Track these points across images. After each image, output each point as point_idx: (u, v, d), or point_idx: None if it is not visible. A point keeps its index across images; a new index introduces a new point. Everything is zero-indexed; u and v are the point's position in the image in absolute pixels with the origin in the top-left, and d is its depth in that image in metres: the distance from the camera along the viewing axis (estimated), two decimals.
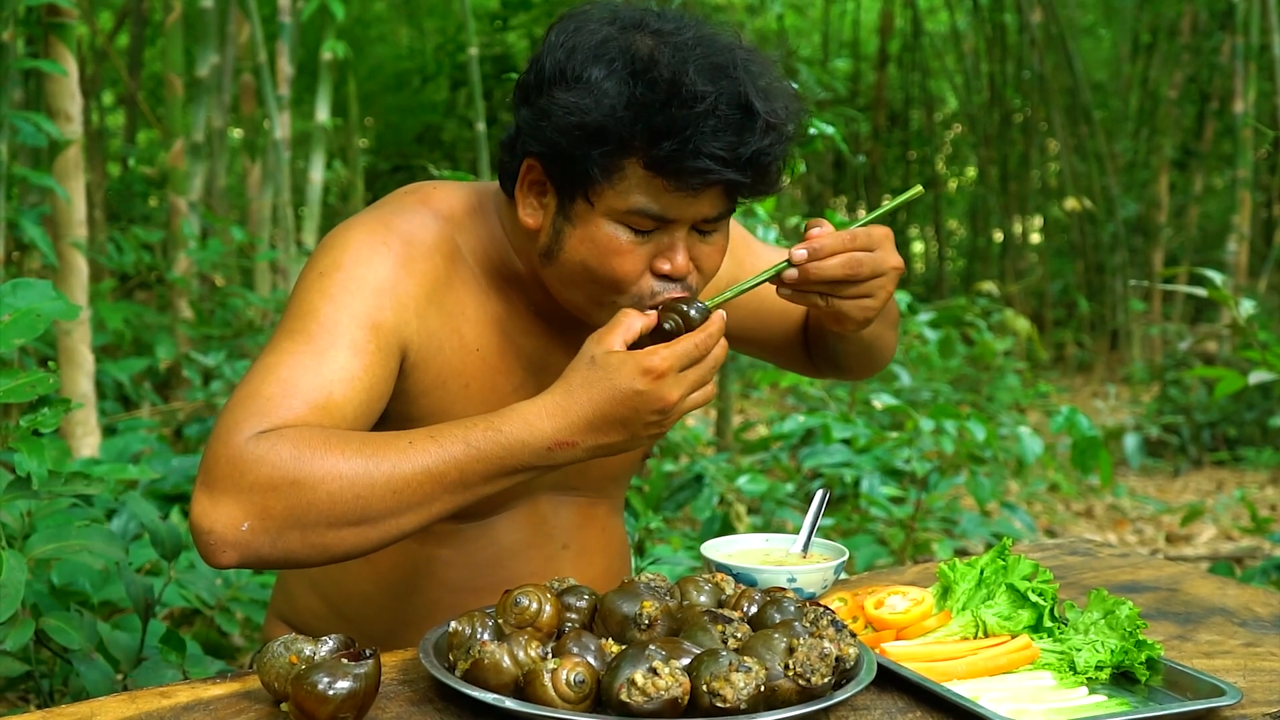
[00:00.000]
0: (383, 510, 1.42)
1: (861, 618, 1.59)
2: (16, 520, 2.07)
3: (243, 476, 1.40)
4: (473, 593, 1.76)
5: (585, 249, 1.58)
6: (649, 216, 1.56)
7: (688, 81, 1.50)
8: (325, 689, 1.26)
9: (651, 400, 1.44)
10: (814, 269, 1.59)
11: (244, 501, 1.40)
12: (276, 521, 1.40)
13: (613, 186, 1.55)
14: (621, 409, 1.44)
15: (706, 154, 1.50)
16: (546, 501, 1.81)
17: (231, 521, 1.40)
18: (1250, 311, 3.14)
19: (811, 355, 2.05)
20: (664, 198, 1.55)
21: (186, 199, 5.61)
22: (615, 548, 1.92)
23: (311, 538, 1.42)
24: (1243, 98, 8.92)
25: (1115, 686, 1.49)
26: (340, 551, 1.44)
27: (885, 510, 4.10)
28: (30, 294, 1.90)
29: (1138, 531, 6.11)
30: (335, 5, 5.50)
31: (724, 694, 1.26)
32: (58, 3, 3.49)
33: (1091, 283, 12.09)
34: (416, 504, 1.43)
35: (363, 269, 1.59)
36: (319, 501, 1.40)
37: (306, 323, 1.54)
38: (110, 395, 5.05)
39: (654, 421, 1.47)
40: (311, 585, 1.86)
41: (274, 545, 1.41)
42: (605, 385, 1.44)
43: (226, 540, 1.40)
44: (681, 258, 1.59)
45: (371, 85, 12.23)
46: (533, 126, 1.57)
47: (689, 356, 1.46)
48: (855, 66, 14.53)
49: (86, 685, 2.16)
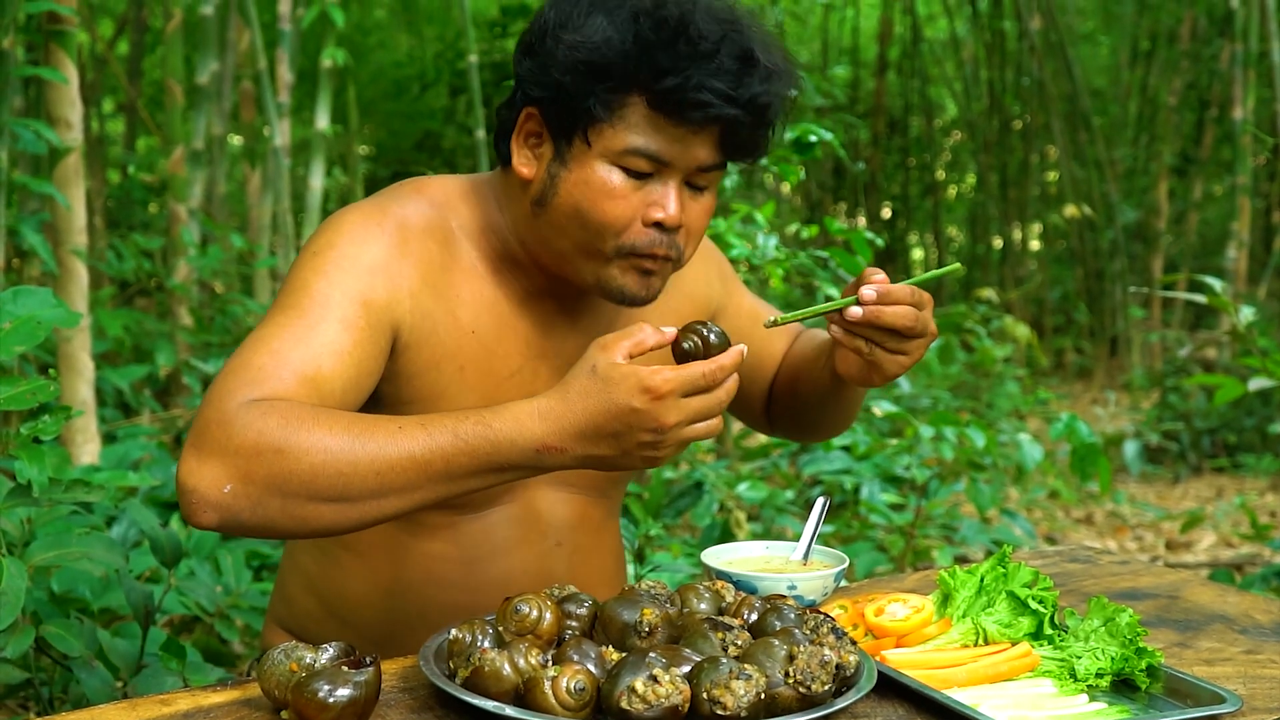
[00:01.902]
0: (364, 490, 1.42)
1: (862, 625, 1.59)
2: (17, 527, 2.07)
3: (229, 440, 1.41)
4: (466, 590, 1.76)
5: (579, 192, 1.62)
6: (646, 157, 1.60)
7: (694, 23, 1.56)
8: (326, 696, 1.26)
9: (646, 420, 1.41)
10: (879, 313, 1.61)
11: (228, 464, 1.41)
12: (258, 487, 1.41)
13: (613, 125, 1.59)
14: (615, 424, 1.42)
15: (709, 89, 1.55)
16: (542, 498, 1.81)
17: (215, 482, 1.41)
18: (1250, 318, 3.14)
19: (771, 411, 2.07)
20: (661, 138, 1.59)
21: (186, 206, 5.60)
22: (610, 549, 1.92)
23: (291, 508, 1.42)
24: (1242, 104, 8.92)
25: (1116, 694, 1.49)
26: (319, 526, 1.44)
27: (885, 517, 4.10)
28: (31, 301, 1.90)
29: (1138, 538, 6.11)
30: (335, 12, 5.50)
31: (724, 701, 1.26)
32: (58, 10, 3.49)
33: (1091, 289, 12.09)
34: (399, 489, 1.43)
35: (356, 248, 1.62)
36: (301, 472, 1.40)
37: (299, 298, 1.56)
38: (110, 402, 5.05)
39: (648, 443, 1.43)
40: (307, 587, 1.86)
41: (254, 511, 1.42)
42: (602, 397, 1.42)
43: (209, 500, 1.41)
44: (674, 206, 1.62)
45: (371, 92, 12.24)
46: (537, 72, 1.62)
47: (694, 384, 1.43)
48: (855, 73, 14.54)
49: (87, 693, 2.16)
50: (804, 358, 1.96)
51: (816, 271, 3.75)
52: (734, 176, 3.56)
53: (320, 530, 1.45)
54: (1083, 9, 13.67)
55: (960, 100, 13.71)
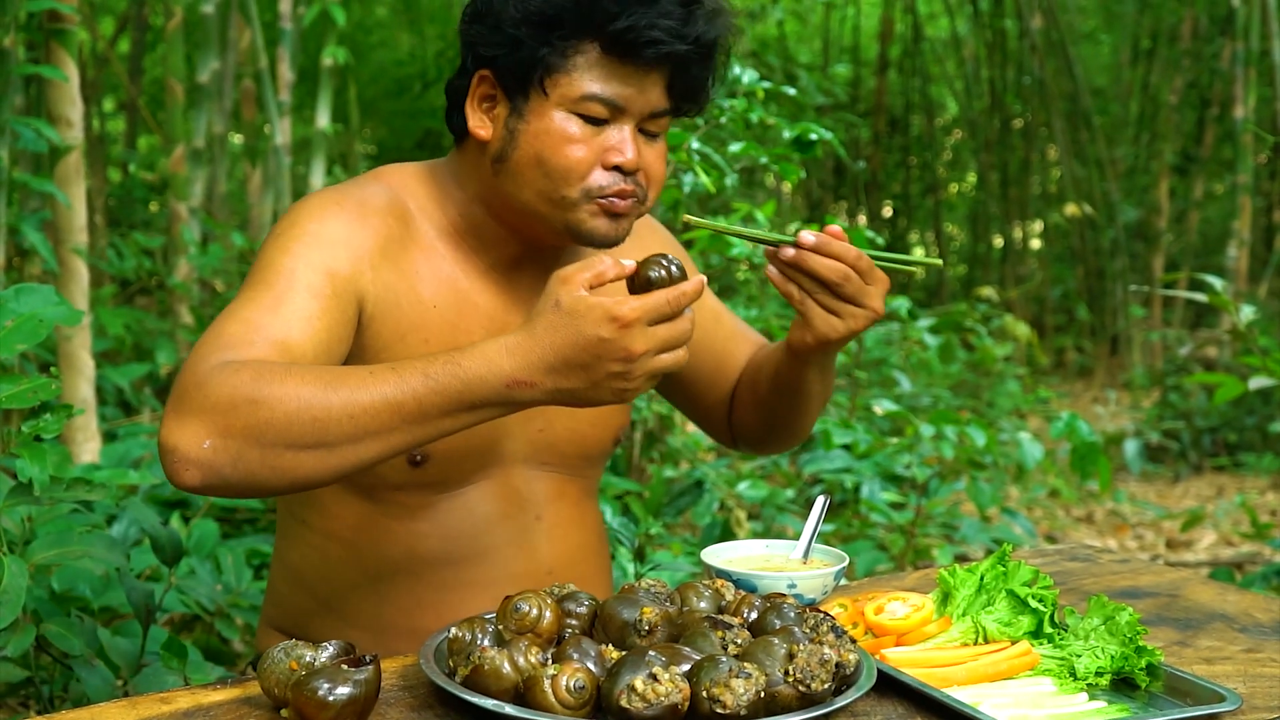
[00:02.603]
0: (340, 435, 1.43)
1: (861, 624, 1.59)
2: (18, 526, 2.07)
3: (205, 397, 1.43)
4: (451, 565, 1.78)
5: (539, 142, 1.68)
6: (601, 102, 1.66)
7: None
8: (325, 695, 1.26)
9: (615, 349, 1.43)
10: (806, 258, 1.68)
11: (206, 420, 1.42)
12: (237, 439, 1.42)
13: (568, 73, 1.66)
14: (584, 355, 1.43)
15: (659, 28, 1.63)
16: (518, 475, 1.83)
17: (195, 439, 1.42)
18: (1250, 317, 3.14)
19: (733, 418, 2.08)
20: (615, 83, 1.66)
21: (187, 204, 5.61)
22: (590, 526, 1.94)
23: (270, 458, 1.43)
24: (1243, 103, 8.93)
25: (1115, 692, 1.49)
26: (300, 475, 1.45)
27: (885, 516, 4.10)
28: (32, 299, 1.91)
29: (1138, 537, 6.11)
30: (336, 11, 5.50)
31: (724, 700, 1.26)
32: (59, 8, 3.49)
33: (1092, 288, 12.09)
34: (374, 432, 1.44)
35: (318, 224, 1.67)
36: (277, 421, 1.41)
37: (266, 274, 1.61)
38: (111, 401, 5.05)
39: (617, 373, 1.44)
40: (295, 582, 1.87)
41: (235, 465, 1.43)
42: (570, 329, 1.43)
43: (190, 458, 1.43)
44: (631, 150, 1.68)
45: (372, 91, 12.23)
46: (488, 33, 1.69)
47: (660, 311, 1.44)
48: (855, 72, 14.52)
49: (87, 691, 2.16)
50: (768, 360, 1.98)
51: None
52: (733, 175, 3.56)
53: (301, 480, 1.45)
54: (1084, 8, 13.67)
55: (961, 99, 13.70)
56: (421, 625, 1.76)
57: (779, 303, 5.79)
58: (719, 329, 2.04)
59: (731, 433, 2.11)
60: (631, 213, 1.73)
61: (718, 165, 3.53)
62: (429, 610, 1.78)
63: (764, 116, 3.50)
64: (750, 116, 3.48)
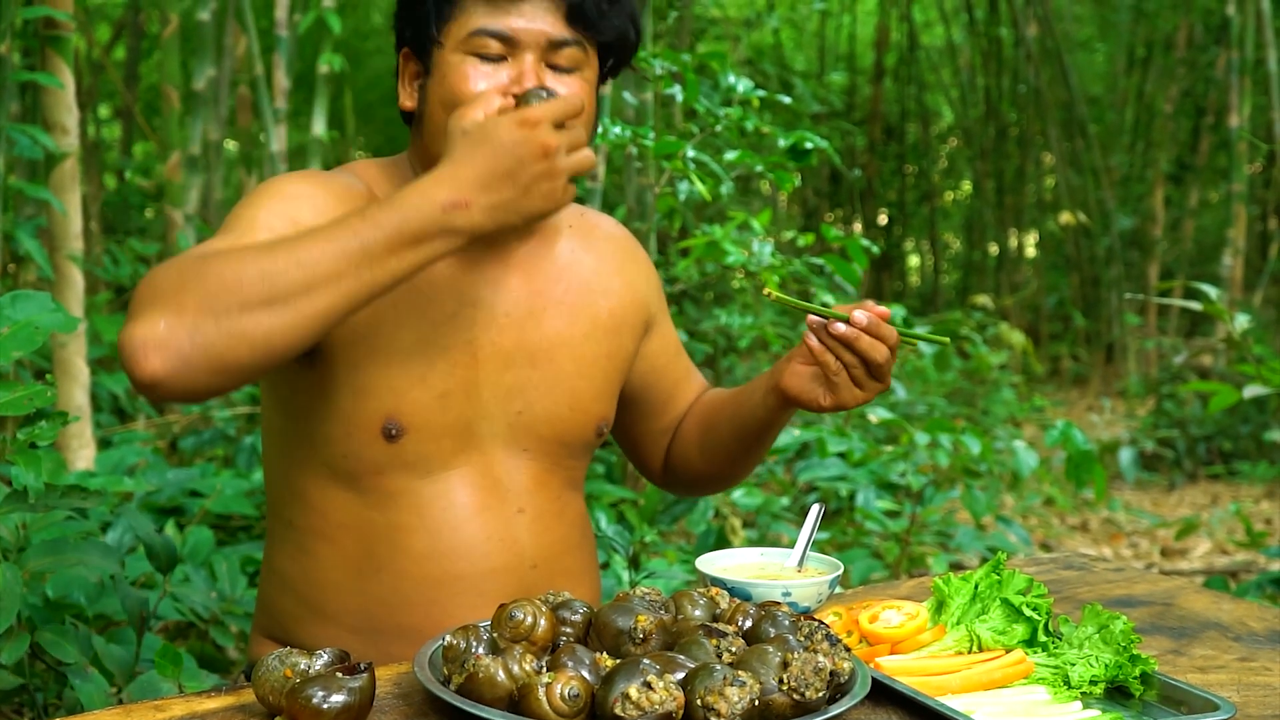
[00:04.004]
0: (290, 286, 1.44)
1: (856, 632, 1.59)
2: (12, 533, 2.07)
3: (155, 288, 1.46)
4: (434, 558, 1.78)
5: (443, 87, 1.72)
6: (491, 35, 1.69)
7: None
8: (320, 702, 1.26)
9: (533, 147, 1.50)
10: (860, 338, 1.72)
11: (158, 304, 1.43)
12: (190, 313, 1.42)
13: (454, 20, 1.71)
14: (506, 160, 1.50)
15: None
16: (498, 464, 1.82)
17: (150, 326, 1.42)
18: (1245, 325, 3.15)
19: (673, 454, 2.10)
20: (500, 16, 1.69)
21: (183, 211, 5.61)
22: (572, 518, 1.93)
23: (226, 324, 1.42)
24: (1238, 112, 8.94)
25: (1110, 701, 1.49)
26: (260, 337, 1.44)
27: (880, 524, 4.10)
28: (29, 306, 1.91)
29: (1133, 545, 6.12)
30: (332, 18, 5.51)
31: (718, 708, 1.26)
32: (55, 15, 3.49)
33: (1087, 296, 12.11)
34: (324, 279, 1.46)
35: (281, 184, 1.74)
36: (227, 282, 1.43)
37: (230, 224, 1.65)
38: (105, 408, 5.04)
39: (540, 173, 1.51)
40: (284, 587, 1.86)
41: (193, 340, 1.42)
42: (488, 143, 1.51)
43: (148, 343, 1.41)
44: (531, 79, 1.69)
45: (368, 98, 12.23)
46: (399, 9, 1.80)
47: (560, 111, 1.53)
48: (851, 80, 14.55)
49: (81, 698, 2.16)
50: (730, 402, 2.00)
51: (812, 278, 3.75)
52: (729, 183, 3.56)
53: (263, 344, 1.45)
54: (1079, 16, 13.70)
55: (957, 107, 13.73)
56: (409, 623, 1.75)
57: (773, 311, 5.79)
58: (678, 362, 2.07)
59: (665, 467, 2.12)
60: None
61: (714, 173, 3.54)
62: (416, 608, 1.77)
63: (759, 125, 3.51)
64: (746, 125, 3.49)
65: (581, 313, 1.89)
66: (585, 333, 1.88)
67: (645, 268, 2.02)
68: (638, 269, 2.00)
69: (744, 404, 1.93)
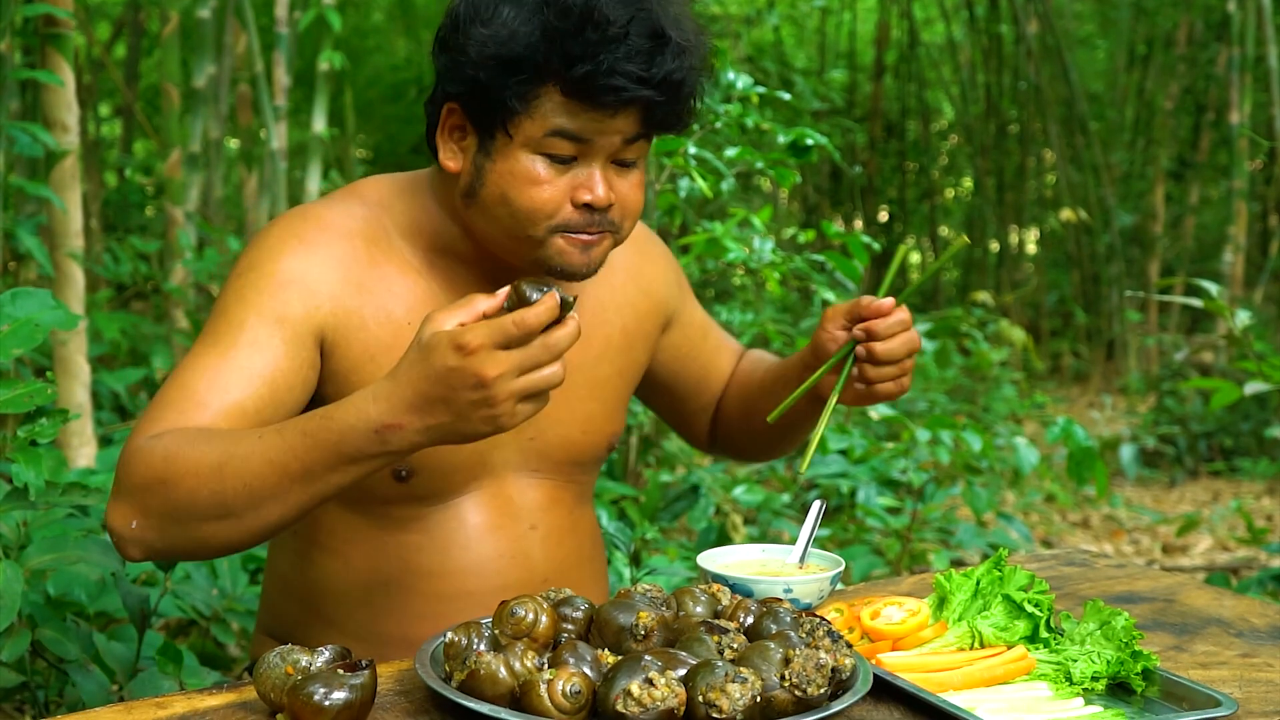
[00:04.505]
0: (240, 504, 1.47)
1: (857, 628, 1.59)
2: (13, 531, 2.07)
3: (128, 478, 1.53)
4: (444, 576, 1.77)
5: (505, 182, 1.64)
6: (566, 138, 1.62)
7: (600, 6, 1.56)
8: (321, 699, 1.26)
9: (465, 376, 1.37)
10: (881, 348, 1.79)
11: (131, 501, 1.52)
12: (156, 518, 1.51)
13: (530, 116, 1.61)
14: (439, 387, 1.39)
15: (621, 73, 1.57)
16: (512, 483, 1.82)
17: (125, 520, 1.53)
18: (1246, 322, 3.15)
19: (717, 429, 2.11)
20: (579, 123, 1.61)
21: (183, 209, 5.60)
22: (584, 531, 1.93)
23: (189, 531, 1.51)
24: (1238, 109, 8.93)
25: (1111, 697, 1.49)
26: (219, 544, 1.51)
27: (881, 521, 4.10)
28: (29, 303, 1.91)
29: (1134, 542, 6.11)
30: (332, 16, 5.50)
31: (720, 705, 1.26)
32: (55, 13, 3.49)
33: (1087, 293, 12.09)
34: (270, 496, 1.47)
35: (273, 264, 1.67)
36: (182, 498, 1.48)
37: (218, 323, 1.64)
38: (106, 405, 5.04)
39: (477, 400, 1.39)
40: (287, 591, 1.86)
41: (162, 539, 1.53)
42: (422, 363, 1.40)
43: (126, 537, 1.53)
44: (601, 188, 1.64)
45: (368, 95, 12.23)
46: (451, 68, 1.64)
47: (505, 333, 1.37)
48: (852, 77, 14.53)
49: (82, 696, 2.16)
50: (760, 381, 2.00)
51: (813, 275, 3.75)
52: (730, 180, 3.56)
53: (224, 547, 1.52)
54: (1079, 13, 13.68)
55: (957, 104, 13.72)
56: (416, 635, 1.74)
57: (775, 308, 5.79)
58: (705, 344, 2.07)
59: (711, 442, 2.13)
60: (603, 244, 1.70)
61: (714, 170, 3.53)
62: (425, 621, 1.76)
63: (760, 121, 3.51)
64: (746, 121, 3.49)
65: (594, 334, 1.86)
66: (598, 354, 1.87)
67: (661, 265, 2.00)
68: (654, 269, 1.98)
69: (785, 379, 1.92)
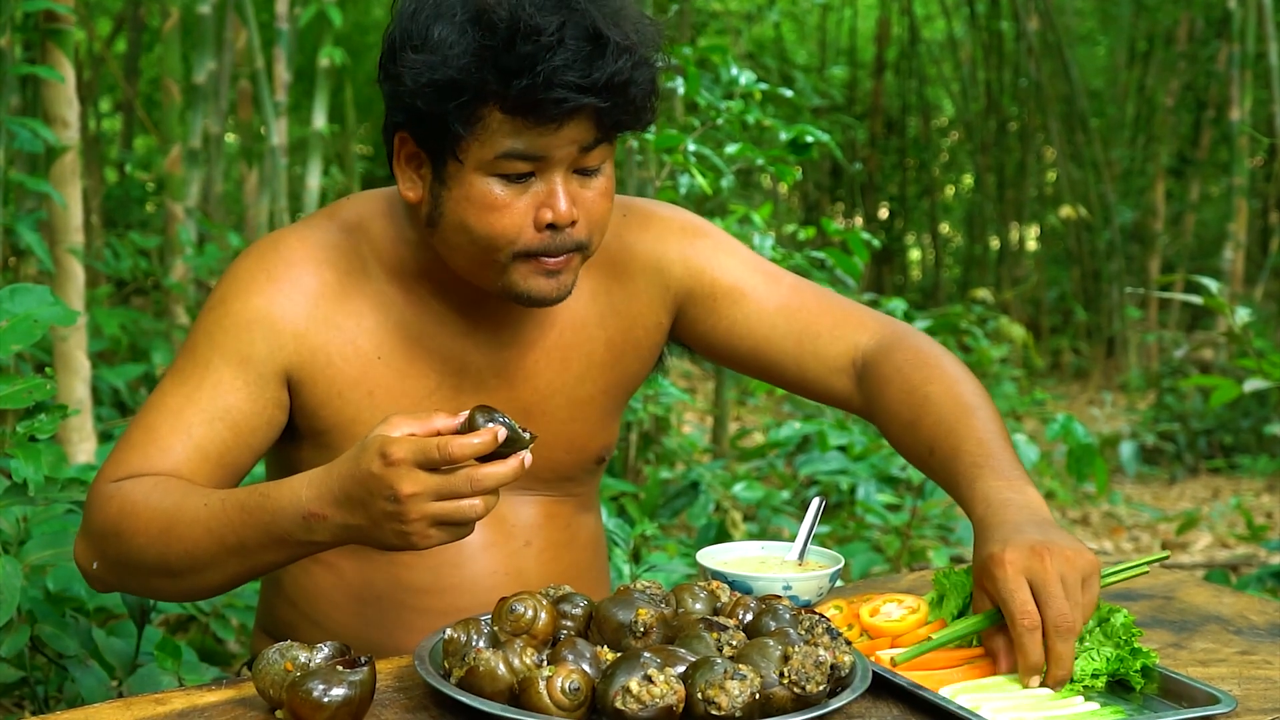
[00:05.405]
0: (182, 567, 1.52)
1: (857, 625, 1.59)
2: (12, 526, 2.07)
3: (90, 522, 1.60)
4: (437, 593, 1.76)
5: (462, 209, 1.58)
6: (519, 158, 1.55)
7: (525, 17, 1.49)
8: (320, 696, 1.26)
9: (382, 485, 1.34)
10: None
11: (91, 544, 1.60)
12: (111, 563, 1.59)
13: (477, 139, 1.54)
14: (359, 488, 1.37)
15: (559, 84, 1.49)
16: (504, 501, 1.74)
17: (88, 559, 1.61)
18: (1246, 319, 3.15)
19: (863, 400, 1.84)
20: (529, 136, 1.53)
21: (183, 205, 5.60)
22: (583, 543, 1.89)
23: (140, 581, 1.62)
24: (1239, 105, 8.92)
25: (1110, 695, 1.49)
26: (167, 596, 1.63)
27: (881, 518, 4.10)
28: (28, 299, 1.91)
29: (1134, 539, 6.11)
30: (333, 11, 5.50)
31: (719, 701, 1.26)
32: (55, 9, 3.49)
33: (1088, 290, 12.08)
34: (209, 565, 1.51)
35: (239, 302, 1.66)
36: (133, 554, 1.55)
37: (185, 361, 1.66)
38: (106, 401, 5.04)
39: (390, 513, 1.36)
40: (282, 596, 1.85)
41: (119, 583, 1.64)
42: (353, 462, 1.38)
43: (88, 573, 1.62)
44: (563, 204, 1.57)
45: (369, 91, 12.21)
46: (393, 96, 1.58)
47: (426, 454, 1.33)
48: (852, 74, 14.53)
49: (82, 691, 2.16)
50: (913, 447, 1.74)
51: (813, 272, 3.75)
52: (730, 177, 3.56)
53: (173, 598, 1.62)
54: (1080, 10, 13.67)
55: (958, 101, 13.71)
56: (409, 646, 1.70)
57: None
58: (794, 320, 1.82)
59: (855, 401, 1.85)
60: (572, 265, 1.63)
61: (714, 166, 3.53)
62: (418, 634, 1.70)
63: (760, 118, 3.51)
64: (747, 118, 3.49)
65: (574, 353, 1.79)
66: (579, 375, 1.80)
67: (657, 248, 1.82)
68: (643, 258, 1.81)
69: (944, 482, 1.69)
